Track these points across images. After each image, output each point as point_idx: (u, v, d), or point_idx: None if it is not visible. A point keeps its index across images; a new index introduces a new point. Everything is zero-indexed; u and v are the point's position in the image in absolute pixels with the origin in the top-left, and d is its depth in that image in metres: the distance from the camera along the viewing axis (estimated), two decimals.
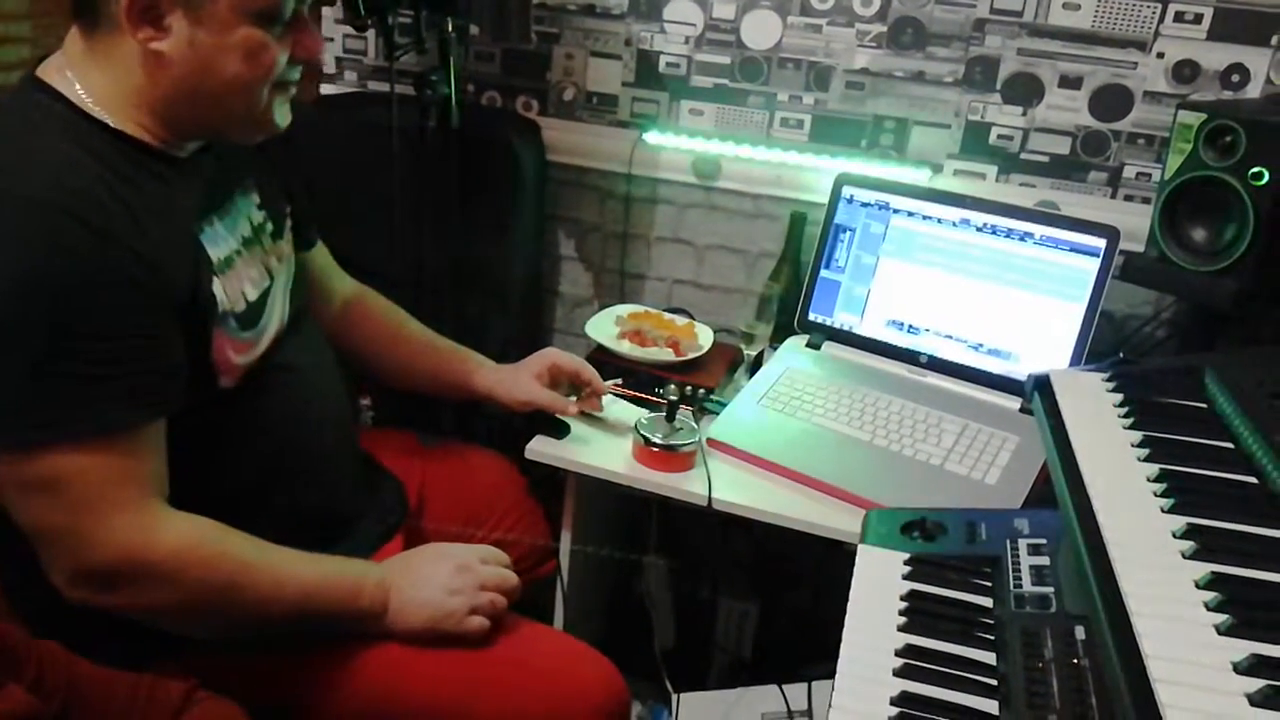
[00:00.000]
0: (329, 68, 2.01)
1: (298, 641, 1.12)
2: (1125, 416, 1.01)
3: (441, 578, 1.15)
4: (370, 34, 1.95)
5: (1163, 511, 0.86)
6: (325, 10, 1.90)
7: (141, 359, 0.98)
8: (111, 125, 1.02)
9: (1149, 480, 0.90)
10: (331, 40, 1.99)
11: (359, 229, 1.53)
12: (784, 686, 1.59)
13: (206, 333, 1.06)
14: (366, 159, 1.62)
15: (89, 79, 1.02)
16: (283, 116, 1.10)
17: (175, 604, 1.02)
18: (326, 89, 2.02)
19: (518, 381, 1.45)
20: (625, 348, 1.65)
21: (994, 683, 0.89)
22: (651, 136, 1.86)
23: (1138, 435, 0.97)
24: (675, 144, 1.86)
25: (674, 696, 1.65)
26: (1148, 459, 0.94)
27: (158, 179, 1.04)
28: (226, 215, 1.14)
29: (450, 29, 1.62)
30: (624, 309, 1.78)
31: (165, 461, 1.03)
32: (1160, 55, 1.62)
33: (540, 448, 1.46)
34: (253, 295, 1.14)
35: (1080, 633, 0.91)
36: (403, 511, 1.39)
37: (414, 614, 1.13)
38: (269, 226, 1.22)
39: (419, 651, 1.14)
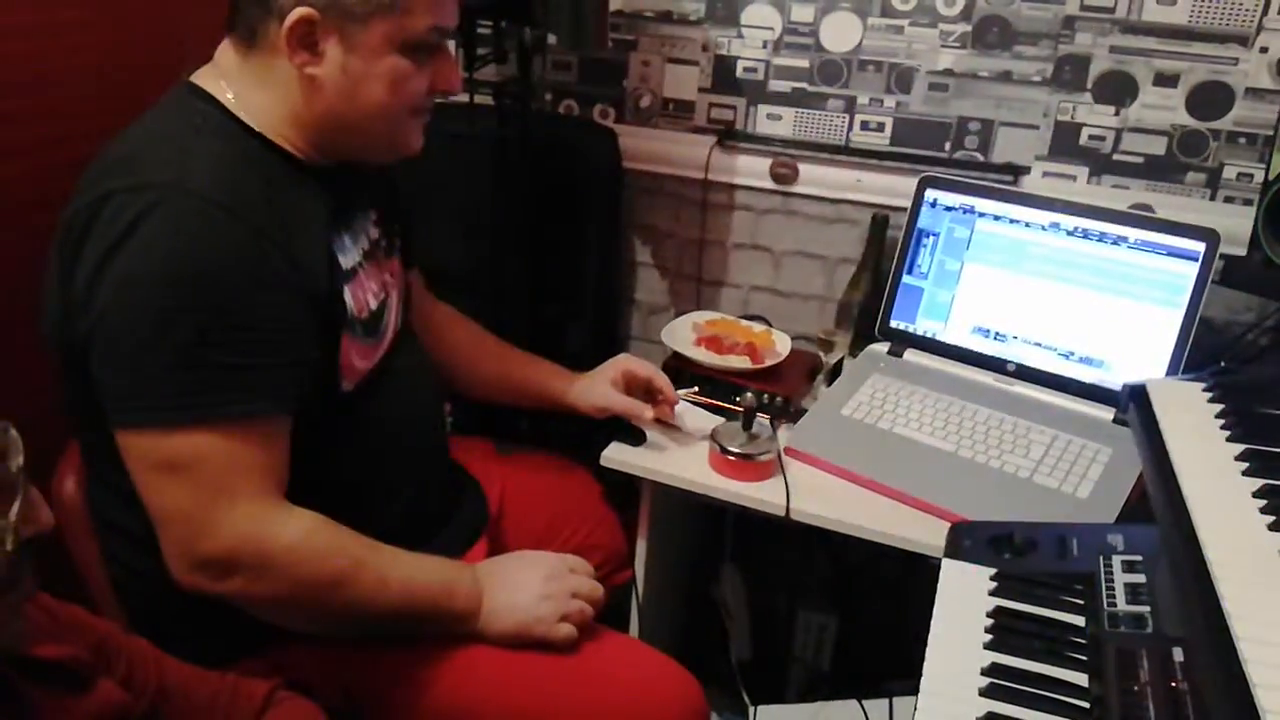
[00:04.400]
0: None
1: (383, 639, 1.14)
2: (1226, 429, 0.97)
3: (534, 583, 1.17)
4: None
5: (1268, 529, 0.82)
6: None
7: (282, 353, 1.02)
8: (259, 132, 1.08)
9: (1253, 496, 0.86)
10: None
11: (438, 238, 1.55)
12: (864, 702, 1.56)
13: (336, 336, 1.10)
14: (446, 168, 1.64)
15: (241, 90, 1.08)
16: (418, 140, 1.16)
17: (285, 596, 1.05)
18: None
19: (593, 388, 1.46)
20: (702, 355, 1.64)
21: (1086, 705, 0.86)
22: (728, 142, 1.85)
23: (1240, 449, 0.93)
24: (753, 149, 1.84)
25: (751, 709, 1.63)
26: (1251, 473, 0.89)
27: (298, 186, 1.10)
28: (350, 229, 1.18)
29: (528, 39, 1.63)
30: (701, 316, 1.77)
31: (288, 457, 1.06)
32: (1264, 50, 1.54)
33: (616, 455, 1.45)
34: (374, 305, 1.18)
35: (1179, 655, 0.87)
36: (485, 517, 1.41)
37: (505, 618, 1.15)
38: (383, 243, 1.26)
39: (503, 655, 1.15)
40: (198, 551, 1.01)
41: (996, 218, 1.57)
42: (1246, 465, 0.90)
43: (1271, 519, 0.82)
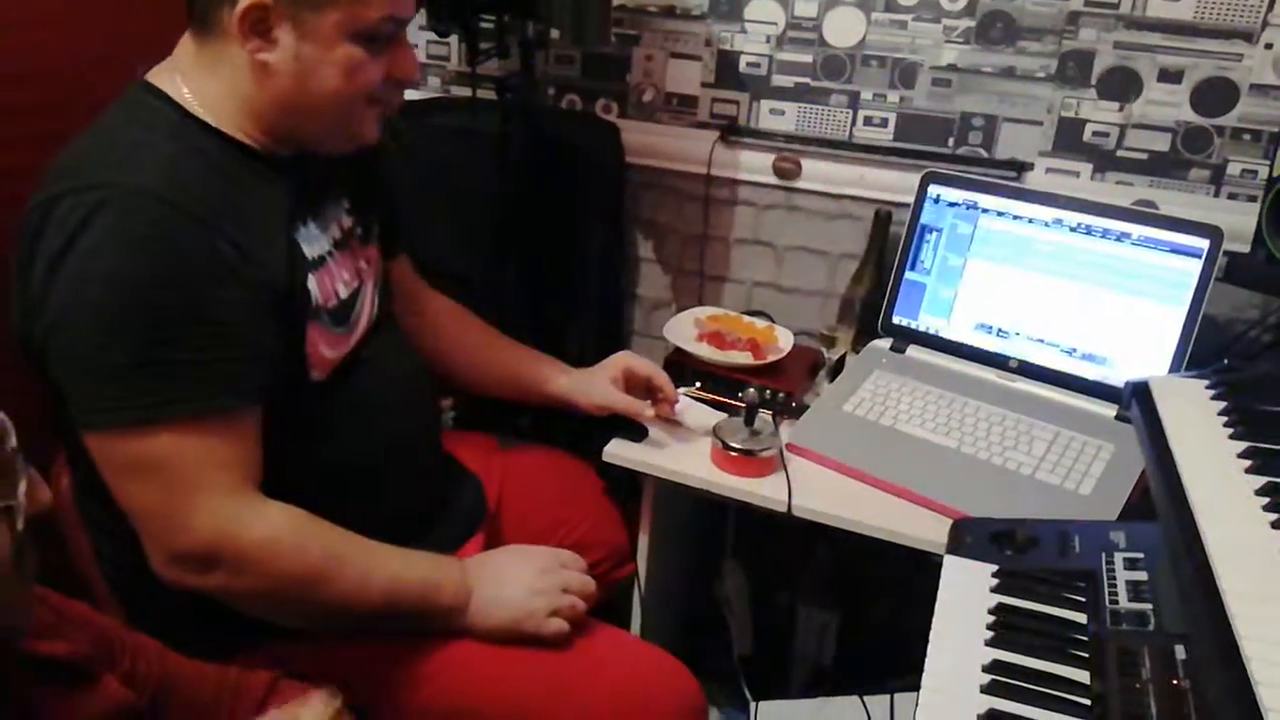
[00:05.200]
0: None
1: (377, 634, 1.14)
2: (1229, 426, 0.96)
3: (524, 578, 1.16)
4: (453, 40, 1.98)
5: (1271, 527, 0.82)
6: None
7: (240, 346, 1.02)
8: (215, 127, 1.07)
9: (1255, 494, 0.86)
10: (415, 46, 2.01)
11: (440, 233, 1.55)
12: (865, 698, 1.56)
13: (301, 326, 1.09)
14: (448, 163, 1.64)
15: (197, 84, 1.07)
16: (373, 131, 1.15)
17: (265, 591, 1.05)
18: (410, 95, 2.05)
19: (594, 385, 1.46)
20: (704, 351, 1.64)
21: (1087, 703, 0.86)
22: (731, 137, 1.84)
23: (1243, 446, 0.92)
24: (756, 144, 1.84)
25: (752, 705, 1.63)
26: (1254, 471, 0.89)
27: (258, 178, 1.09)
28: (318, 218, 1.18)
29: (531, 33, 1.63)
30: (703, 311, 1.77)
31: (260, 450, 1.06)
32: (1269, 46, 1.54)
33: (618, 451, 1.45)
34: (344, 294, 1.17)
35: (1181, 652, 0.87)
36: (483, 511, 1.41)
37: (495, 613, 1.14)
38: (358, 231, 1.25)
39: (496, 651, 1.14)
40: (175, 548, 1.01)
41: (1000, 214, 1.56)
42: (1249, 463, 0.90)
43: (1275, 517, 0.82)
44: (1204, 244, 1.41)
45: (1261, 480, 0.87)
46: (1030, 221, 1.54)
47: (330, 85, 1.06)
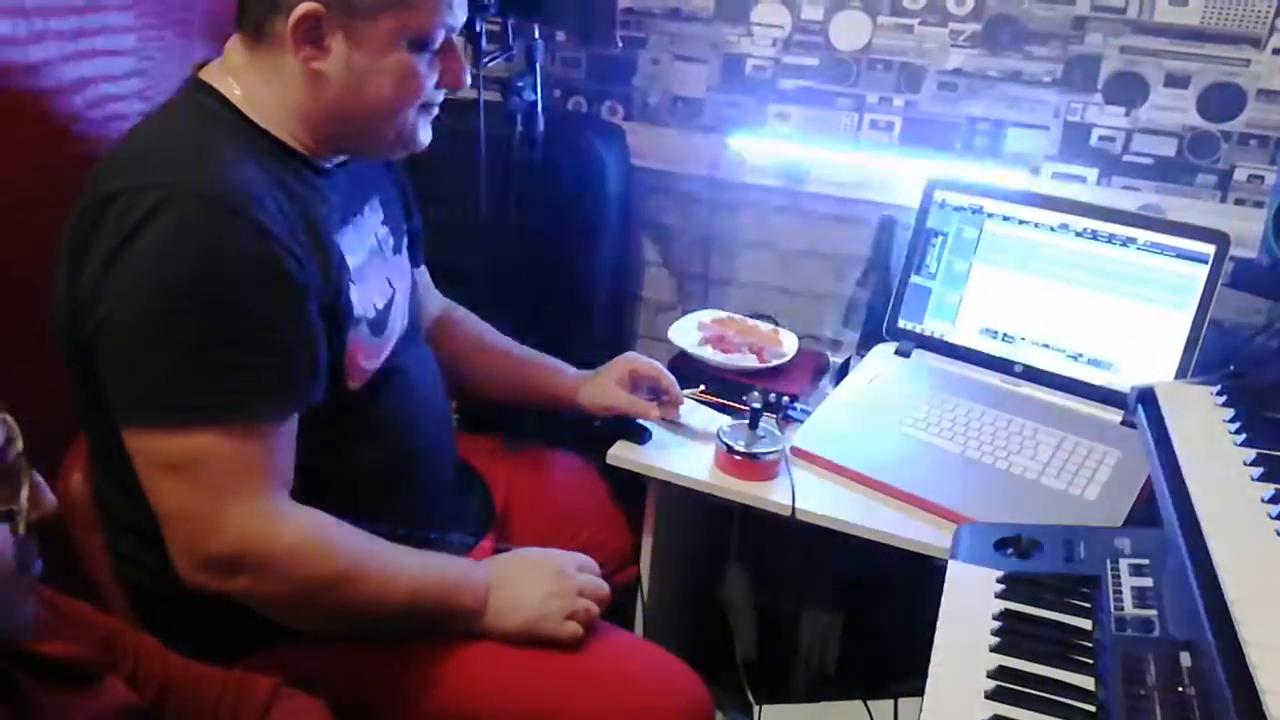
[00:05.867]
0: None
1: (388, 637, 1.14)
2: (1237, 433, 0.96)
3: (542, 582, 1.17)
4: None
5: (1279, 535, 0.81)
6: None
7: (289, 354, 1.02)
8: (267, 131, 1.07)
9: (1263, 501, 0.86)
10: None
11: (445, 235, 1.55)
12: (869, 702, 1.56)
13: (342, 336, 1.10)
14: (453, 165, 1.63)
15: (249, 87, 1.08)
16: (425, 136, 1.16)
17: (291, 595, 1.05)
18: None
19: (599, 387, 1.46)
20: (708, 353, 1.64)
21: (1092, 709, 0.86)
22: (737, 140, 1.85)
23: (1250, 453, 0.92)
24: (761, 148, 1.84)
25: (756, 708, 1.63)
26: (1261, 478, 0.89)
27: (306, 185, 1.09)
28: (358, 226, 1.18)
29: (537, 35, 1.63)
30: (707, 314, 1.77)
31: (293, 457, 1.06)
32: (1276, 51, 1.54)
33: (622, 454, 1.45)
34: (380, 303, 1.18)
35: (1186, 659, 0.86)
36: (492, 514, 1.41)
37: (512, 615, 1.14)
38: (390, 240, 1.26)
39: (508, 653, 1.14)
40: (203, 551, 1.01)
41: (1005, 218, 1.56)
42: (1257, 470, 0.89)
43: None
44: (1210, 249, 1.40)
45: (1269, 488, 0.86)
46: (1036, 226, 1.54)
47: (383, 93, 1.07)
